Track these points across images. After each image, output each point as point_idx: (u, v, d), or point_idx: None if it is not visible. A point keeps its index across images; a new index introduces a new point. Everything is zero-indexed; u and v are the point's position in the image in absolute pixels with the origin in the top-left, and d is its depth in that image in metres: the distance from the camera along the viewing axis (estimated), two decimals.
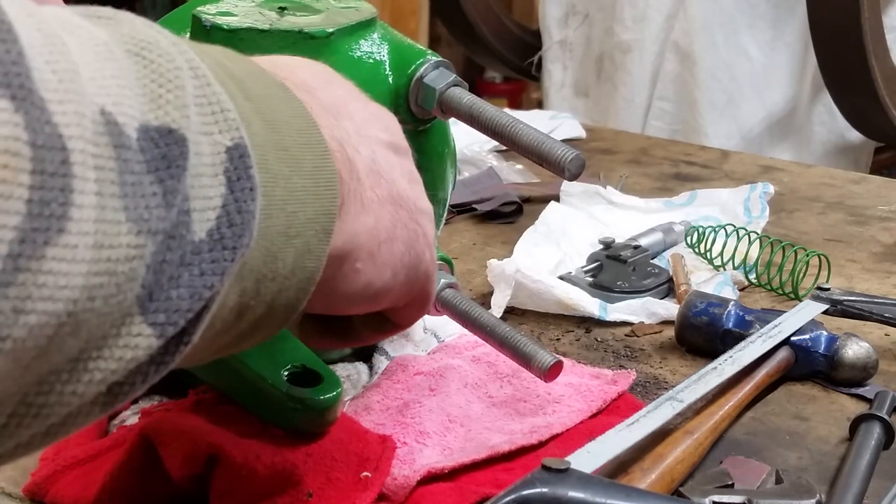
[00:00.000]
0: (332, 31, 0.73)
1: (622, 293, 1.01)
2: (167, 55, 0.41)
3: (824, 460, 0.75)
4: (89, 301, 0.36)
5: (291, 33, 0.71)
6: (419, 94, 0.76)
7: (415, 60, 0.76)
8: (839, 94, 2.11)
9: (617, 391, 0.81)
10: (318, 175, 0.48)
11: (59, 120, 0.35)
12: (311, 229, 0.47)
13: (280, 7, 0.75)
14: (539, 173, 1.40)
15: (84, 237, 0.36)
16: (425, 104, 0.76)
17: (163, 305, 0.39)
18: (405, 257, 0.57)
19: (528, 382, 0.82)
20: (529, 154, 0.73)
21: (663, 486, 0.68)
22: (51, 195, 0.34)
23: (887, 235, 1.22)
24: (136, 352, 0.39)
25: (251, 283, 0.45)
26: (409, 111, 0.76)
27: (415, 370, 0.82)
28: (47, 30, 0.37)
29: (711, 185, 1.37)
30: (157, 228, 0.38)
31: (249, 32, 0.70)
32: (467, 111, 0.75)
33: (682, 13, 2.31)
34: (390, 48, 0.76)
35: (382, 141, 0.58)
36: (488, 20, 2.60)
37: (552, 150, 0.71)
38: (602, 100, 2.49)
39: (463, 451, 0.73)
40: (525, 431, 0.75)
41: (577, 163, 0.71)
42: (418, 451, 0.73)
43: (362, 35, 0.75)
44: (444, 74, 0.76)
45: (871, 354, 0.85)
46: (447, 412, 0.77)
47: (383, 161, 0.57)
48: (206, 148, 0.41)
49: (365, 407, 0.78)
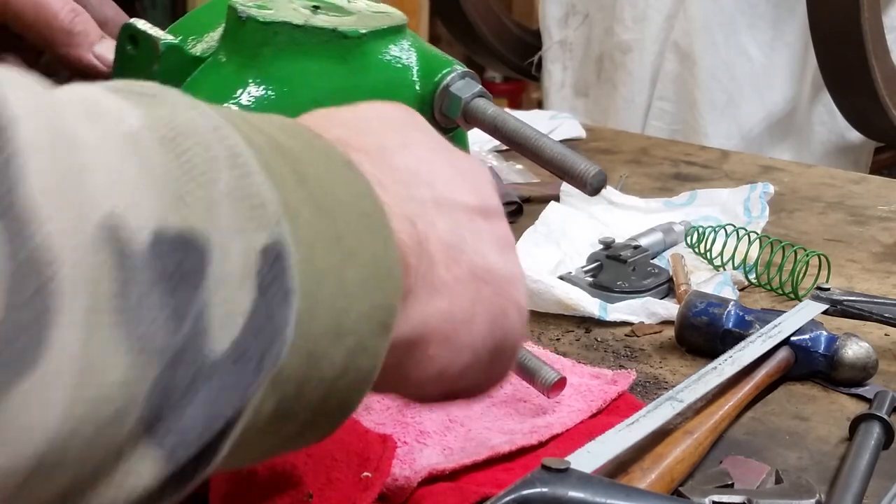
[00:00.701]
0: (364, 32, 0.74)
1: (622, 293, 1.01)
2: (204, 143, 0.37)
3: (824, 460, 0.76)
4: (72, 434, 0.32)
5: (325, 31, 0.72)
6: (444, 102, 0.76)
7: (442, 69, 0.76)
8: (839, 94, 2.11)
9: (617, 391, 0.81)
10: (378, 265, 0.43)
11: (50, 230, 0.32)
12: (365, 326, 0.42)
13: (314, 6, 0.75)
14: (539, 173, 1.41)
15: (65, 364, 0.32)
16: (450, 113, 0.76)
17: (174, 427, 0.35)
18: (489, 337, 0.51)
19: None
20: (552, 168, 0.73)
21: (663, 486, 0.68)
22: (23, 323, 0.30)
23: (887, 235, 1.22)
24: (140, 479, 0.35)
25: (291, 388, 0.40)
26: (433, 119, 0.77)
27: None
28: (57, 126, 0.33)
29: (711, 185, 1.37)
30: (163, 345, 0.34)
31: (284, 26, 0.70)
32: (491, 122, 0.75)
33: (682, 13, 2.31)
34: (418, 55, 0.77)
35: (468, 206, 0.51)
36: (488, 20, 2.60)
37: (575, 165, 0.72)
38: (602, 100, 2.50)
39: (463, 451, 0.73)
40: (525, 431, 0.75)
41: (600, 178, 0.71)
42: (418, 451, 0.73)
43: (392, 40, 0.76)
44: (470, 84, 0.76)
45: (870, 354, 0.85)
46: (447, 412, 0.77)
47: (467, 231, 0.51)
48: (237, 249, 0.37)
49: (365, 407, 0.78)
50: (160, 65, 0.69)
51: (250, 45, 0.70)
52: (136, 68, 0.70)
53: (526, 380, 0.78)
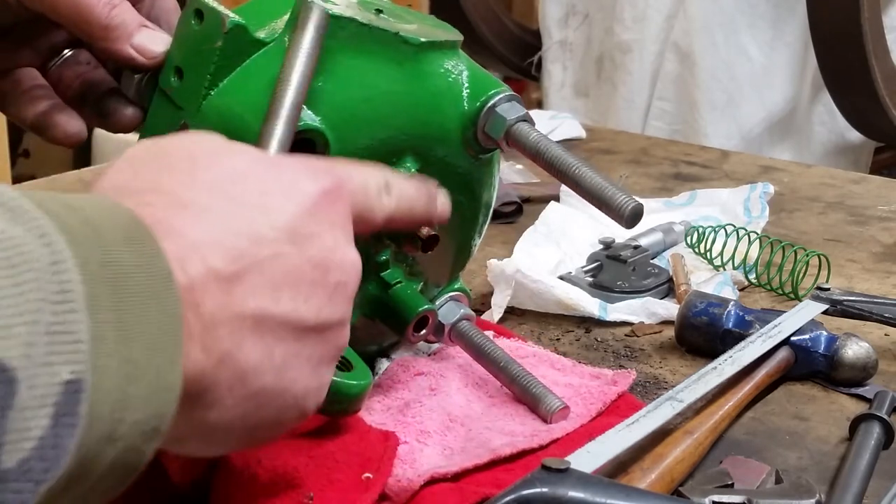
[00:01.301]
0: (424, 41, 0.75)
1: (622, 293, 1.01)
2: (41, 279, 0.41)
3: (824, 460, 0.76)
4: None
5: (388, 34, 0.73)
6: (489, 122, 0.77)
7: (490, 89, 0.77)
8: (839, 94, 2.11)
9: (617, 392, 0.81)
10: (161, 381, 0.45)
11: None
12: (138, 432, 0.45)
13: (377, 10, 0.76)
14: (539, 173, 1.41)
15: None
16: (493, 133, 0.77)
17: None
18: (246, 438, 0.53)
19: None
20: (590, 198, 0.74)
21: (663, 486, 0.68)
22: None
23: (887, 235, 1.22)
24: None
25: (62, 482, 0.43)
26: (475, 137, 0.78)
27: (415, 371, 0.83)
28: None
29: (711, 185, 1.37)
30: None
31: (351, 22, 0.71)
32: (533, 147, 0.76)
33: (682, 13, 2.32)
34: (470, 73, 0.78)
35: (297, 326, 0.52)
36: (488, 20, 2.60)
37: (613, 197, 0.73)
38: (602, 100, 2.50)
39: (464, 452, 0.73)
40: (526, 434, 0.75)
41: (636, 211, 0.72)
42: (419, 451, 0.73)
43: (448, 54, 0.77)
44: (516, 108, 0.77)
45: (870, 354, 0.85)
46: (448, 411, 0.78)
47: (279, 353, 0.51)
48: (43, 381, 0.40)
49: (366, 407, 0.78)
50: (224, 42, 0.69)
51: None
52: (199, 43, 0.70)
53: (530, 406, 0.79)
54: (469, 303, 0.86)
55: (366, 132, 0.72)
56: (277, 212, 0.52)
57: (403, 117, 0.74)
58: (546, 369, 0.85)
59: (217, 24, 0.69)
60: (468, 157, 0.79)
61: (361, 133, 0.72)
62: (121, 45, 0.71)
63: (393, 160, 0.74)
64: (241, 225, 0.51)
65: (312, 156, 0.67)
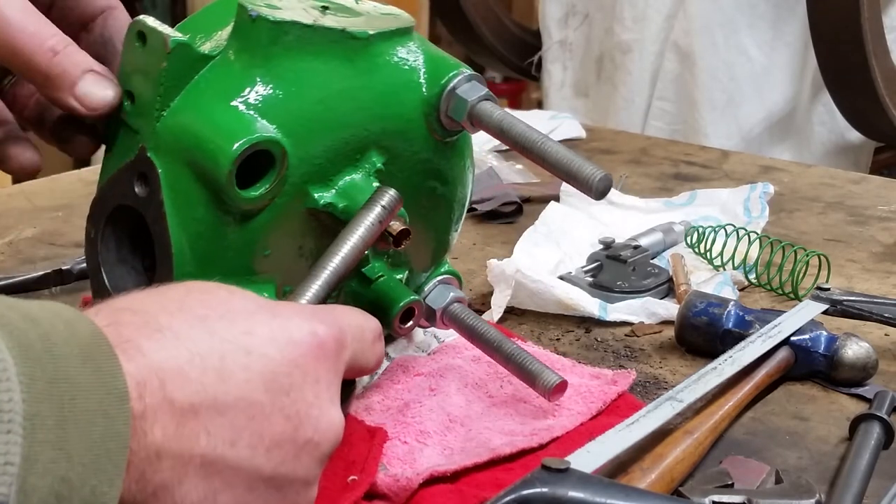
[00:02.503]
0: (372, 33, 0.74)
1: (622, 293, 1.01)
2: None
3: (824, 460, 0.76)
4: None
5: (334, 31, 0.72)
6: (450, 105, 0.76)
7: (449, 72, 0.76)
8: (839, 94, 2.11)
9: (617, 391, 0.81)
10: (94, 502, 0.44)
11: None
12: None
13: (323, 6, 0.75)
14: (539, 173, 1.41)
15: None
16: (456, 115, 0.76)
17: None
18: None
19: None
20: (557, 171, 0.73)
21: (663, 486, 0.68)
22: None
23: (887, 235, 1.22)
24: None
25: None
26: (439, 122, 0.77)
27: (415, 371, 0.83)
28: None
29: (711, 185, 1.37)
30: None
31: (294, 26, 0.70)
32: (497, 125, 0.75)
33: (682, 13, 2.31)
34: (426, 58, 0.77)
35: (251, 475, 0.50)
36: (488, 20, 2.60)
37: (581, 169, 0.72)
38: (602, 100, 2.49)
39: (464, 451, 0.73)
40: (526, 434, 0.75)
41: (605, 182, 0.71)
42: (419, 451, 0.73)
43: (400, 42, 0.76)
44: (476, 87, 0.77)
45: (870, 354, 0.85)
46: (447, 412, 0.78)
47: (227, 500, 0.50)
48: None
49: (366, 407, 0.79)
50: (168, 62, 0.68)
51: (259, 43, 0.70)
52: (145, 66, 0.70)
53: (527, 383, 0.78)
54: (460, 285, 0.86)
55: (325, 134, 0.72)
56: (258, 355, 0.50)
57: (361, 114, 0.73)
58: None
59: (160, 45, 0.68)
60: (435, 142, 0.78)
61: (320, 135, 0.72)
62: (63, 94, 0.68)
63: (357, 157, 0.74)
64: (213, 360, 0.49)
65: (318, 305, 0.64)
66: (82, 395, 0.44)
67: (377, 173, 0.75)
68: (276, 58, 0.70)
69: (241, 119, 0.68)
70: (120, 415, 0.45)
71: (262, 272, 0.73)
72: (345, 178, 0.73)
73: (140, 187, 0.70)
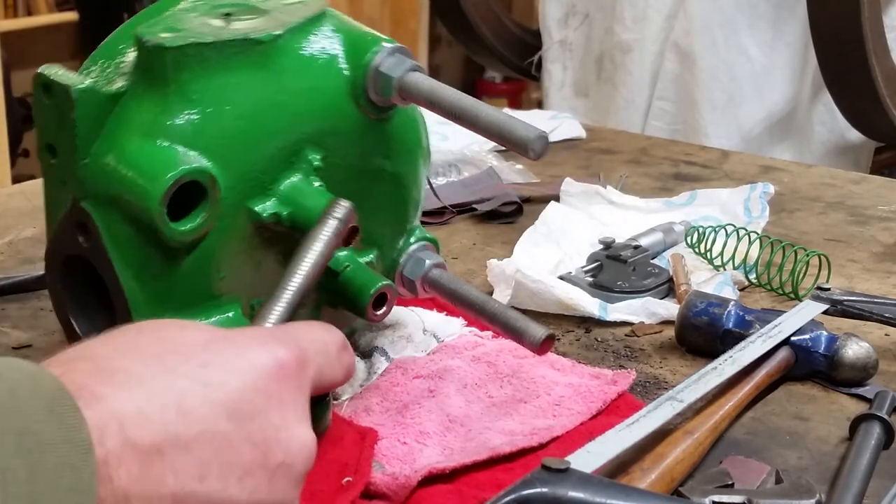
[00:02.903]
0: (279, 33, 0.72)
1: (622, 293, 1.01)
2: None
3: (824, 460, 0.75)
4: None
5: (237, 41, 0.70)
6: (377, 83, 0.74)
7: (369, 49, 0.74)
8: (839, 94, 2.11)
9: (617, 391, 0.81)
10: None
11: None
12: None
13: (225, 13, 0.73)
14: (539, 174, 1.41)
15: None
16: (384, 93, 0.74)
17: None
18: None
19: (528, 382, 0.82)
20: (493, 136, 0.71)
21: (663, 486, 0.68)
22: None
23: (887, 235, 1.22)
24: None
25: None
26: (369, 102, 0.75)
27: (414, 373, 0.82)
28: None
29: (711, 185, 1.37)
30: None
31: (193, 48, 0.68)
32: (427, 96, 0.73)
33: (682, 13, 2.31)
34: (343, 39, 0.75)
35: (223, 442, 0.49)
36: (488, 20, 2.60)
37: (515, 131, 0.69)
38: (602, 100, 2.50)
39: (464, 451, 0.73)
40: (526, 433, 0.75)
41: (542, 143, 0.69)
42: (419, 451, 0.73)
43: (312, 30, 0.74)
44: (401, 61, 0.74)
45: (871, 354, 0.85)
46: (447, 412, 0.78)
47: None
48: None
49: (365, 408, 0.78)
50: (77, 111, 0.67)
51: (163, 73, 0.68)
52: (56, 118, 0.68)
53: (514, 339, 0.77)
54: (437, 250, 0.84)
55: (252, 148, 0.70)
56: (217, 385, 0.50)
57: (286, 117, 0.72)
58: (546, 369, 0.85)
59: (65, 96, 0.67)
60: (371, 122, 0.76)
61: (248, 150, 0.70)
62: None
63: (292, 160, 0.72)
64: (171, 397, 0.48)
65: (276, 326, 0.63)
66: (50, 449, 0.43)
67: (316, 171, 0.73)
68: (184, 83, 0.68)
69: (162, 154, 0.67)
70: (86, 466, 0.44)
71: (223, 294, 0.72)
72: (284, 182, 0.72)
73: (82, 237, 0.69)
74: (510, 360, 0.85)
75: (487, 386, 0.82)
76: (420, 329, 0.89)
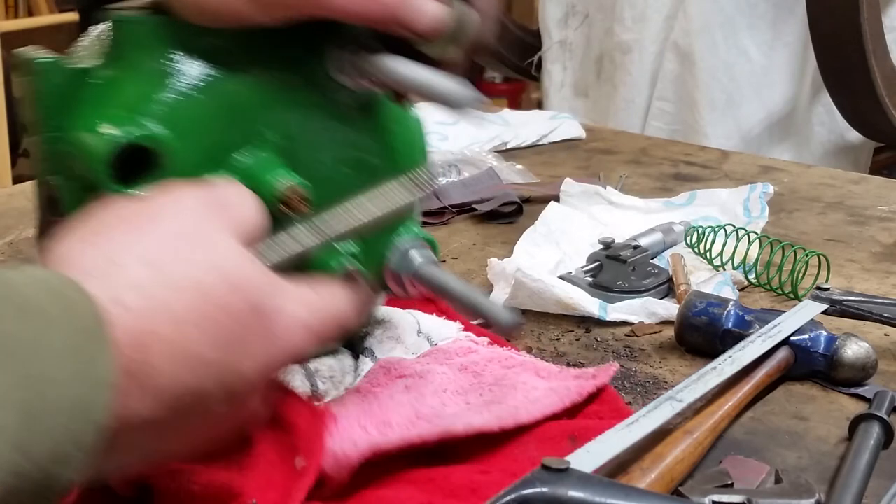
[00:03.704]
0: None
1: (622, 293, 1.01)
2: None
3: (824, 460, 0.76)
4: None
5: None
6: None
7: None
8: (838, 94, 2.11)
9: (595, 385, 0.79)
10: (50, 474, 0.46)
11: None
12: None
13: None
14: (539, 174, 1.41)
15: None
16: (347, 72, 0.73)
17: None
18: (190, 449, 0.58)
19: (507, 389, 0.79)
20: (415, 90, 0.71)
21: (663, 486, 0.68)
22: None
23: (887, 235, 1.22)
24: None
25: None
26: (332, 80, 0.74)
27: (397, 373, 0.79)
28: None
29: (711, 185, 1.37)
30: None
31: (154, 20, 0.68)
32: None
33: (682, 13, 2.32)
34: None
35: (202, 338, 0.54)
36: None
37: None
38: (602, 100, 2.50)
39: (420, 437, 0.70)
40: (487, 417, 0.73)
41: (468, 96, 0.67)
42: (377, 440, 0.69)
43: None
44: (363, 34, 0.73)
45: (870, 354, 0.85)
46: (416, 409, 0.74)
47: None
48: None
49: (340, 401, 0.75)
50: (41, 83, 0.67)
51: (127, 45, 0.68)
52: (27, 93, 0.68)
53: (481, 324, 0.75)
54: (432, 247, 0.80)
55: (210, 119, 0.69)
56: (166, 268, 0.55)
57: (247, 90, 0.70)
58: (529, 376, 0.81)
59: (29, 68, 0.67)
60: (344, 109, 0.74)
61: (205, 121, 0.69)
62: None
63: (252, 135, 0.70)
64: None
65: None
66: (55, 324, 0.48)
67: (280, 149, 0.71)
68: (146, 54, 0.68)
69: (114, 120, 0.66)
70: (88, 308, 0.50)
71: None
72: (243, 156, 0.70)
73: (52, 213, 0.69)
74: (496, 370, 0.82)
75: (468, 395, 0.78)
76: (414, 331, 0.87)
